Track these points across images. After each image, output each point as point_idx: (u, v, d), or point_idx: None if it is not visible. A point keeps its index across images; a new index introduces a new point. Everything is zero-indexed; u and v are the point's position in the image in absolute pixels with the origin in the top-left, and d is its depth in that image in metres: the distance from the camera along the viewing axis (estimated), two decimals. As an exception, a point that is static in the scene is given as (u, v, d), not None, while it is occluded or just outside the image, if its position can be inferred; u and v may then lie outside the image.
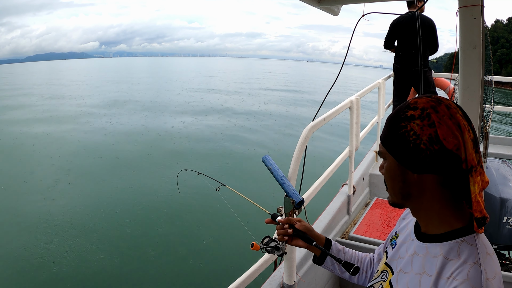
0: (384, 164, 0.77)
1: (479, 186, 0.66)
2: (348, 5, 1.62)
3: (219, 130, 12.17)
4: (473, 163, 0.66)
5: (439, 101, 0.69)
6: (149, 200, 6.30)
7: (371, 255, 1.05)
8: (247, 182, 7.12)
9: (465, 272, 0.63)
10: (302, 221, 1.03)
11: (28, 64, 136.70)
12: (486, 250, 0.67)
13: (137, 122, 13.43)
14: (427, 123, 0.66)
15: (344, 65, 1.95)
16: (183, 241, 4.96)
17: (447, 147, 0.65)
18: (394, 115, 0.72)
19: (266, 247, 1.05)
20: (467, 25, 1.26)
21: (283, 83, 37.34)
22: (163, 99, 20.34)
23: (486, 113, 2.30)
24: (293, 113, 16.52)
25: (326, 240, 1.04)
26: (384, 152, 0.75)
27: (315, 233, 1.03)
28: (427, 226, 0.74)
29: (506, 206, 2.23)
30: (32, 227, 5.31)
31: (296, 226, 1.02)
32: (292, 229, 1.01)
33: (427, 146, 0.66)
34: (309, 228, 1.02)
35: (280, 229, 1.03)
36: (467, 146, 0.65)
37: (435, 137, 0.65)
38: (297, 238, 1.02)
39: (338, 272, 1.03)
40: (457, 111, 0.67)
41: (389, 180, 0.75)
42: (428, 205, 0.71)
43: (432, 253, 0.70)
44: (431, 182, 0.69)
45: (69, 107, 17.31)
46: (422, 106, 0.68)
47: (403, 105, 0.72)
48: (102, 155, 8.98)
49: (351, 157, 2.50)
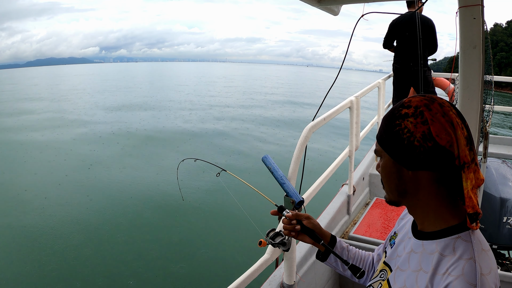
0: (380, 162, 0.78)
1: (471, 183, 0.67)
2: (348, 9, 1.62)
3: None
4: (465, 159, 0.67)
5: (432, 99, 0.70)
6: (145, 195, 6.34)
7: (373, 254, 1.06)
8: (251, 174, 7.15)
9: (460, 268, 0.64)
10: (310, 218, 1.03)
11: (28, 69, 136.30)
12: (481, 246, 0.67)
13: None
14: (420, 121, 0.68)
15: (343, 70, 1.95)
16: (183, 239, 4.96)
17: (440, 144, 0.66)
18: (389, 114, 0.74)
19: (273, 241, 1.04)
20: (467, 25, 1.26)
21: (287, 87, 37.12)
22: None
23: (486, 113, 2.30)
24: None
25: (331, 237, 1.04)
26: (380, 150, 0.76)
27: (322, 230, 1.03)
28: (423, 224, 0.75)
29: (506, 206, 2.23)
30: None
31: (304, 223, 1.01)
32: (300, 226, 1.00)
33: (421, 143, 0.67)
34: (316, 226, 1.02)
35: (287, 224, 1.01)
36: (460, 143, 0.67)
37: (428, 134, 0.67)
38: (303, 233, 1.01)
39: (340, 270, 1.04)
40: (450, 109, 0.69)
41: (385, 178, 0.77)
42: (424, 202, 0.72)
43: (428, 250, 0.71)
44: (426, 179, 0.70)
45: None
46: (416, 105, 0.70)
47: (398, 104, 0.74)
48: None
49: (351, 157, 2.50)
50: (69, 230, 5.23)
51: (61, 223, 5.43)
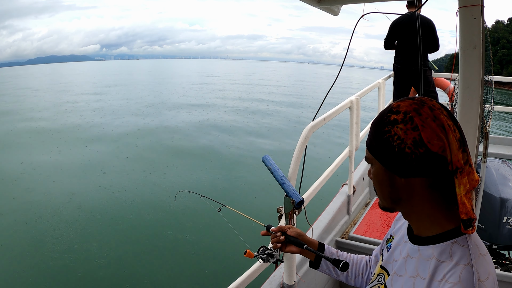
0: (371, 169, 0.76)
1: (465, 188, 0.66)
2: (349, 6, 1.61)
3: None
4: (458, 164, 0.65)
5: (422, 103, 0.68)
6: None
7: (366, 257, 1.06)
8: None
9: (457, 274, 0.63)
10: (293, 228, 1.06)
11: (29, 67, 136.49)
12: (478, 251, 0.66)
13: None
14: (410, 127, 0.66)
15: (345, 67, 1.95)
16: (183, 239, 4.97)
17: (432, 150, 0.64)
18: (378, 120, 0.72)
19: (261, 255, 1.08)
20: (467, 25, 1.26)
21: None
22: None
23: (486, 113, 2.30)
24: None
25: (319, 244, 1.05)
26: (370, 157, 0.75)
27: (307, 238, 1.05)
28: (419, 229, 0.74)
29: (506, 206, 2.24)
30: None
31: (288, 233, 1.04)
32: (284, 236, 1.03)
33: (412, 150, 0.65)
34: (300, 234, 1.04)
35: (273, 237, 1.05)
36: (452, 147, 0.65)
37: (420, 141, 0.65)
38: (290, 244, 1.04)
39: (334, 275, 1.04)
40: (441, 112, 0.67)
41: (378, 185, 0.75)
42: (419, 208, 0.71)
43: (425, 255, 0.70)
44: (420, 185, 0.68)
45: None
46: (405, 110, 0.67)
47: (386, 110, 0.71)
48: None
49: (351, 157, 2.50)
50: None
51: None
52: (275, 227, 1.09)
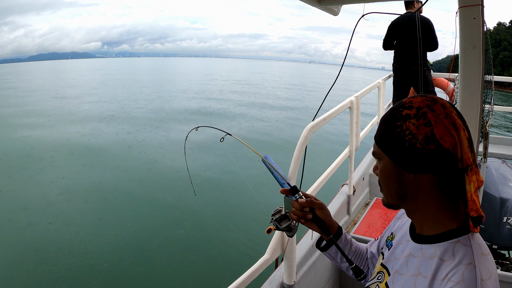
0: (378, 164, 0.75)
1: (474, 185, 0.66)
2: (351, 6, 1.61)
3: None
4: (468, 162, 0.65)
5: (434, 100, 0.68)
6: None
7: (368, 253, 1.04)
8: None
9: (459, 273, 0.63)
10: (324, 208, 0.97)
11: (30, 64, 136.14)
12: (481, 251, 0.66)
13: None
14: (423, 122, 0.66)
15: (346, 67, 1.95)
16: (182, 239, 4.97)
17: (443, 146, 0.64)
18: (389, 114, 0.72)
19: (279, 225, 0.98)
20: (467, 25, 1.26)
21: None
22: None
23: (486, 113, 2.30)
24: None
25: (338, 228, 1.00)
26: (378, 152, 0.74)
27: (332, 221, 0.98)
28: (422, 227, 0.74)
29: (506, 206, 2.24)
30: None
31: (317, 213, 0.95)
32: (311, 214, 0.95)
33: (423, 146, 0.65)
34: (328, 216, 0.97)
35: (299, 210, 0.95)
36: (463, 145, 0.65)
37: (432, 136, 0.65)
38: (313, 223, 0.96)
39: (337, 262, 1.01)
40: (452, 110, 0.67)
41: (385, 181, 0.75)
42: (424, 205, 0.71)
43: (427, 254, 0.70)
44: (427, 182, 0.68)
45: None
46: (418, 105, 0.67)
47: (398, 105, 0.71)
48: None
49: (351, 157, 2.50)
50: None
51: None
52: (301, 195, 0.96)
